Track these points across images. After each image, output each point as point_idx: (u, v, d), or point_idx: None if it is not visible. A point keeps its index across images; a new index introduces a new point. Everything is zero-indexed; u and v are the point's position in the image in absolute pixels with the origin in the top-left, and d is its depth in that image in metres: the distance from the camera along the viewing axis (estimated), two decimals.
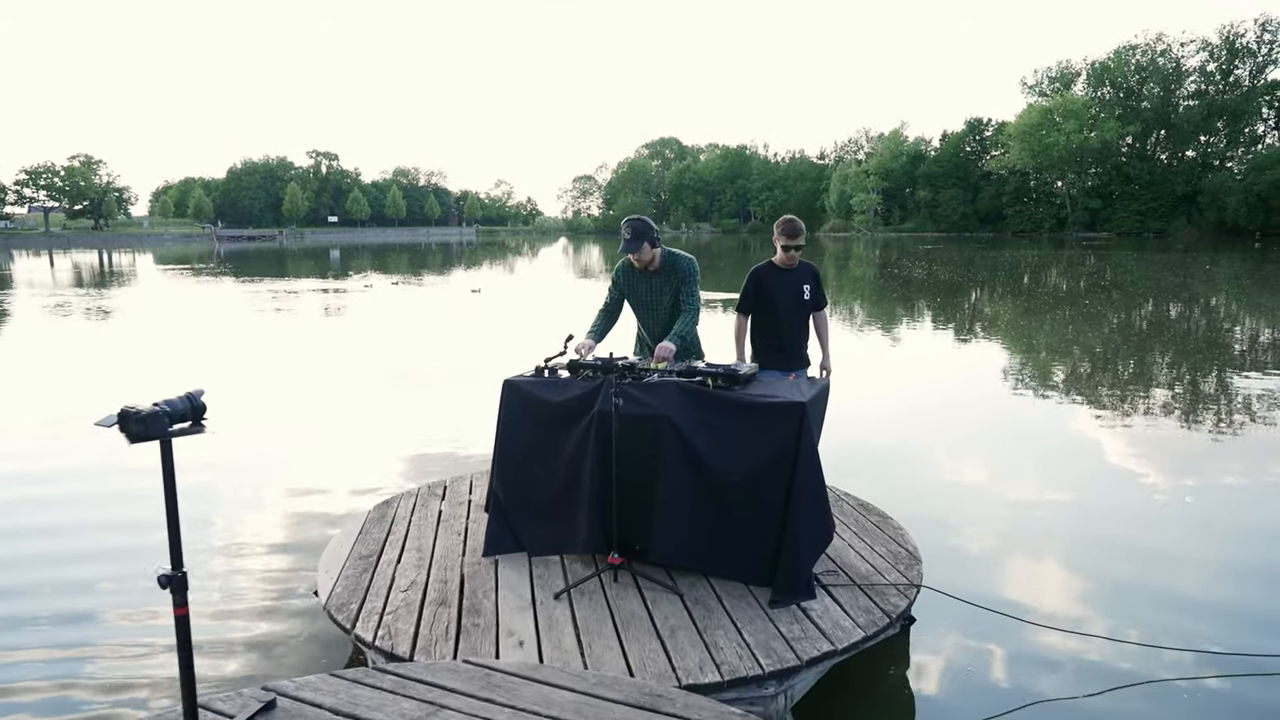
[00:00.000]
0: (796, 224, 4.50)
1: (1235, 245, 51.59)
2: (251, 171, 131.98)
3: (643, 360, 4.06)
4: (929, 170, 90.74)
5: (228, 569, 4.54)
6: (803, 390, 3.69)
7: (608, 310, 4.51)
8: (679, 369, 3.83)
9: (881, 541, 4.06)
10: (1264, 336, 13.89)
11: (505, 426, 4.00)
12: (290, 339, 14.54)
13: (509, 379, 4.02)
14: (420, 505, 4.63)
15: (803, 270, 4.62)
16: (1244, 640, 3.70)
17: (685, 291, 4.32)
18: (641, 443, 3.59)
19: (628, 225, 4.23)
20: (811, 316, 4.68)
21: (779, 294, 4.55)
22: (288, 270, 36.22)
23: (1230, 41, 74.18)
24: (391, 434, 7.54)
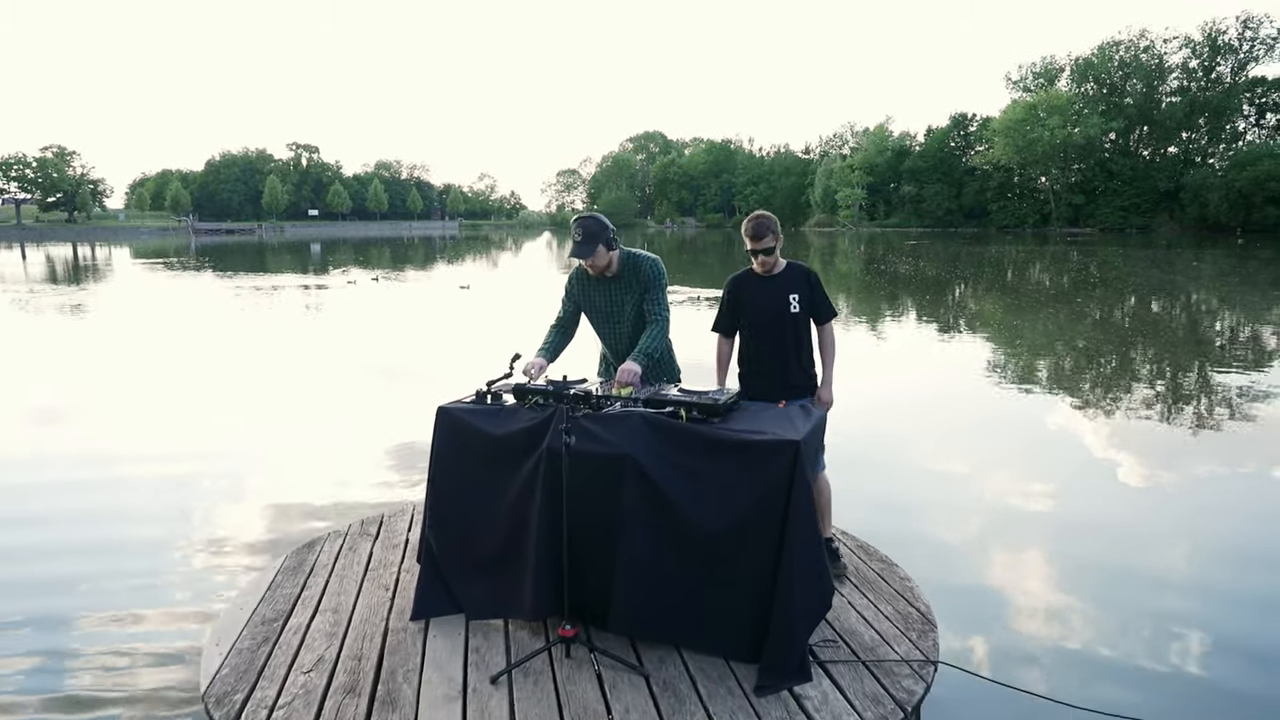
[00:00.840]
0: (763, 222, 3.64)
1: (1217, 241, 51.59)
2: (230, 164, 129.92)
3: (604, 384, 3.41)
4: (914, 165, 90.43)
5: (118, 618, 3.86)
6: (795, 424, 3.05)
7: (561, 325, 3.88)
8: (646, 396, 3.19)
9: (887, 598, 3.43)
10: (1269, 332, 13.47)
11: (439, 463, 3.34)
12: (271, 337, 13.83)
13: (444, 406, 3.37)
14: (348, 549, 3.97)
15: (790, 276, 3.76)
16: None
17: (650, 299, 3.67)
18: (599, 488, 2.96)
19: (578, 226, 3.58)
20: (817, 331, 3.81)
21: (757, 307, 3.78)
22: (267, 265, 35.22)
23: (1212, 38, 74.25)
24: (371, 440, 6.95)
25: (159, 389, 9.41)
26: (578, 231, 3.56)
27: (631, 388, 3.27)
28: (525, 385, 3.34)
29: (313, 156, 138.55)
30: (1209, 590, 4.24)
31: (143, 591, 4.15)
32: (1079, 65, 79.36)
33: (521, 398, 3.33)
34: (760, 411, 3.24)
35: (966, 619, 3.82)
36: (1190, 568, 4.54)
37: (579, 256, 3.57)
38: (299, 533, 4.88)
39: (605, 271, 3.68)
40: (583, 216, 3.59)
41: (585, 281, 3.80)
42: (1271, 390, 8.92)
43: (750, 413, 3.21)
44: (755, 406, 3.33)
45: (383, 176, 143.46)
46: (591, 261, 3.61)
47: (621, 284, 3.71)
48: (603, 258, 3.61)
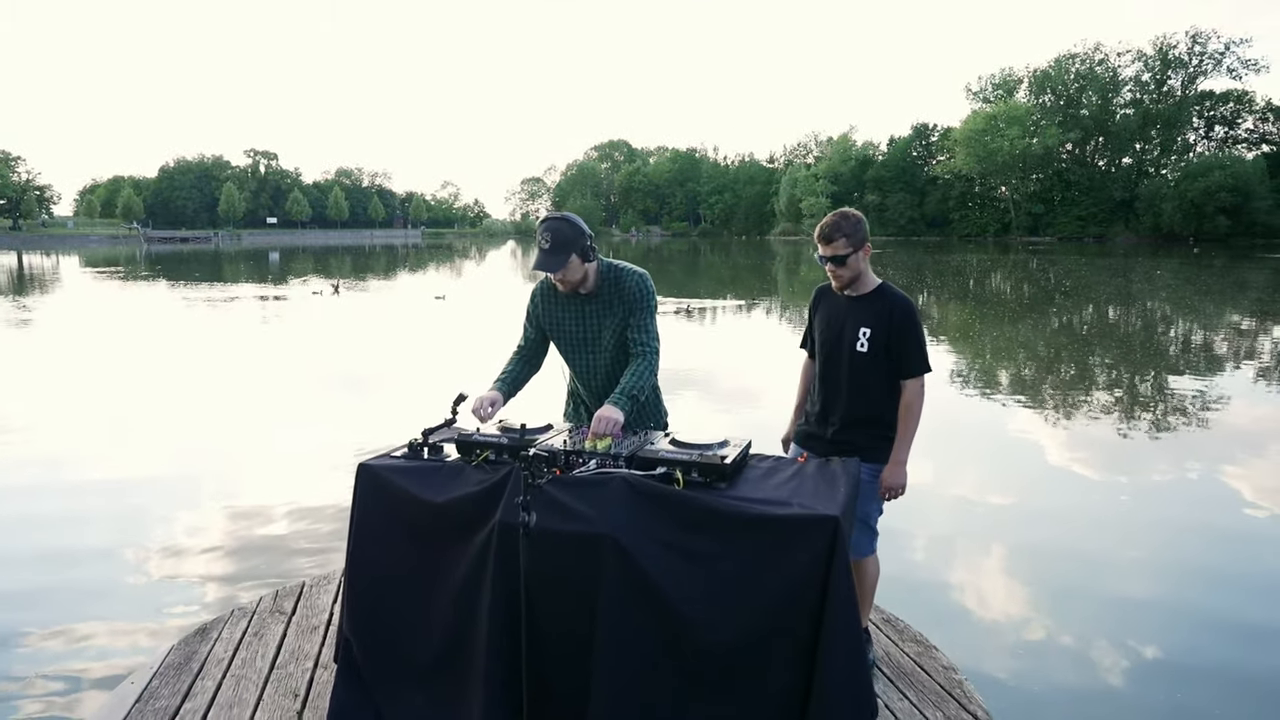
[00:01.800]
0: (836, 222, 2.87)
1: (1172, 250, 52.47)
2: (185, 170, 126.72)
3: (574, 433, 2.68)
4: (877, 174, 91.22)
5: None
6: (829, 488, 2.35)
7: (524, 354, 3.13)
8: (630, 451, 2.47)
9: (934, 698, 2.74)
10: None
11: (360, 538, 2.59)
12: (232, 350, 12.71)
13: (366, 463, 2.62)
14: (252, 635, 3.18)
15: (869, 302, 2.91)
16: None
17: (637, 325, 2.92)
18: (570, 578, 2.23)
19: (546, 230, 2.78)
20: (903, 387, 2.89)
21: (820, 329, 3.06)
22: (224, 274, 33.76)
23: (1163, 53, 76.07)
24: (336, 467, 6.16)
25: (100, 407, 8.50)
26: (545, 237, 2.77)
27: (609, 439, 2.55)
28: (471, 436, 2.60)
29: (271, 163, 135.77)
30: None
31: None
32: (1037, 77, 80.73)
33: (467, 452, 2.59)
34: (779, 470, 2.52)
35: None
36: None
37: (546, 269, 2.78)
38: (227, 576, 4.09)
39: (579, 288, 2.93)
40: (552, 218, 2.80)
41: (553, 300, 3.03)
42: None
43: (765, 472, 2.49)
44: (768, 463, 2.62)
45: (343, 184, 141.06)
46: (562, 275, 2.84)
47: (599, 304, 2.96)
48: (576, 270, 2.83)
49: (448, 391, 2.88)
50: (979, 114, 79.17)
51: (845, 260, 2.86)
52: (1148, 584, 4.36)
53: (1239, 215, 62.16)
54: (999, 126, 75.75)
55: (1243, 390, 9.51)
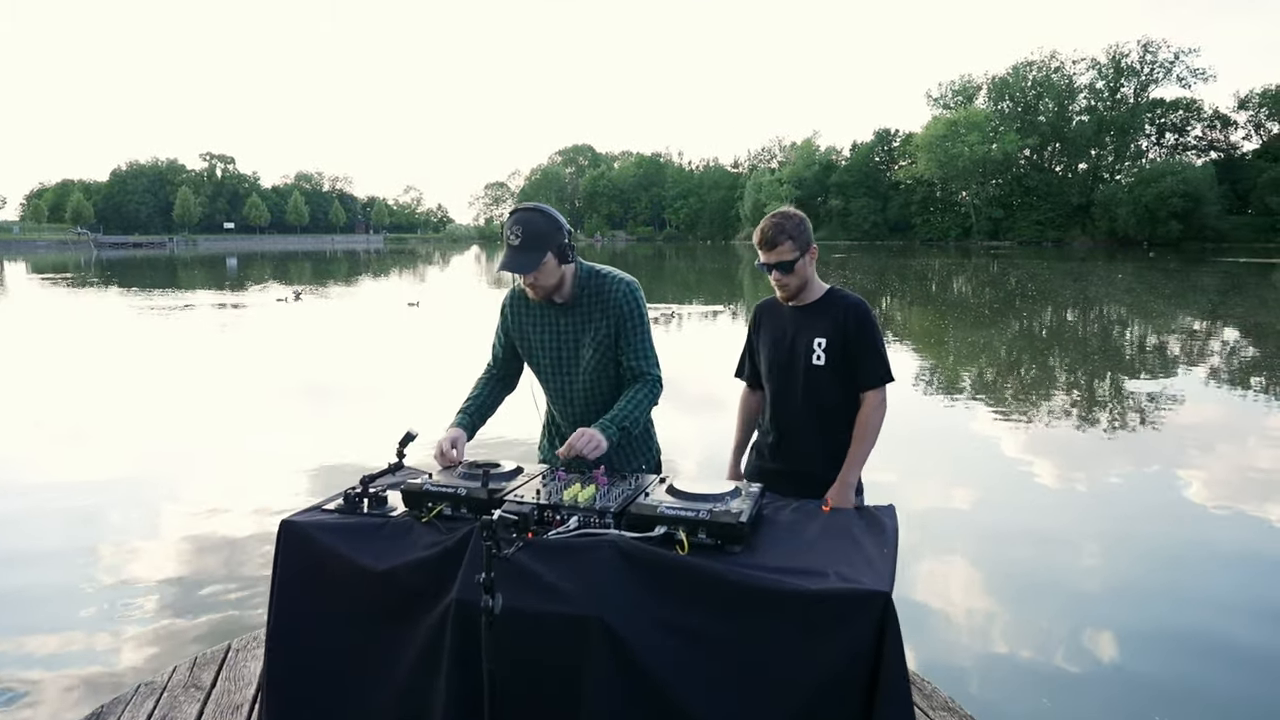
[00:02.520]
0: (779, 223, 2.54)
1: (1128, 254, 53.48)
2: (138, 174, 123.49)
3: (550, 480, 2.21)
4: (840, 179, 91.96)
5: None
6: (871, 549, 1.90)
7: (494, 374, 2.67)
8: (619, 503, 2.01)
9: None
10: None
11: (282, 612, 2.09)
12: (193, 364, 11.79)
13: (290, 519, 2.13)
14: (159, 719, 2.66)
15: (822, 310, 2.60)
16: None
17: (631, 344, 2.47)
18: (546, 672, 1.77)
19: (515, 223, 2.31)
20: (861, 399, 2.57)
21: (768, 348, 2.70)
22: (180, 280, 32.51)
23: (1116, 61, 77.90)
24: (302, 488, 5.59)
25: (39, 425, 7.83)
26: (514, 231, 2.30)
27: (594, 489, 2.07)
28: (420, 486, 2.11)
29: (228, 167, 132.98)
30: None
31: None
32: (995, 84, 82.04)
33: (415, 505, 2.11)
34: (802, 522, 2.07)
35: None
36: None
37: (514, 269, 2.31)
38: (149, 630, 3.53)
39: (553, 295, 2.46)
40: (523, 209, 2.34)
41: (524, 309, 2.57)
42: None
43: (787, 526, 2.03)
44: (787, 512, 2.16)
45: (303, 188, 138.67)
46: (534, 279, 2.37)
47: (577, 315, 2.50)
48: (550, 273, 2.37)
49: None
50: (940, 120, 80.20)
51: (792, 266, 2.54)
52: (1112, 585, 4.36)
53: (1190, 220, 63.64)
54: (959, 132, 76.77)
55: (1220, 391, 9.58)
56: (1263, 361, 12.02)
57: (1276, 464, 6.51)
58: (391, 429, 2.51)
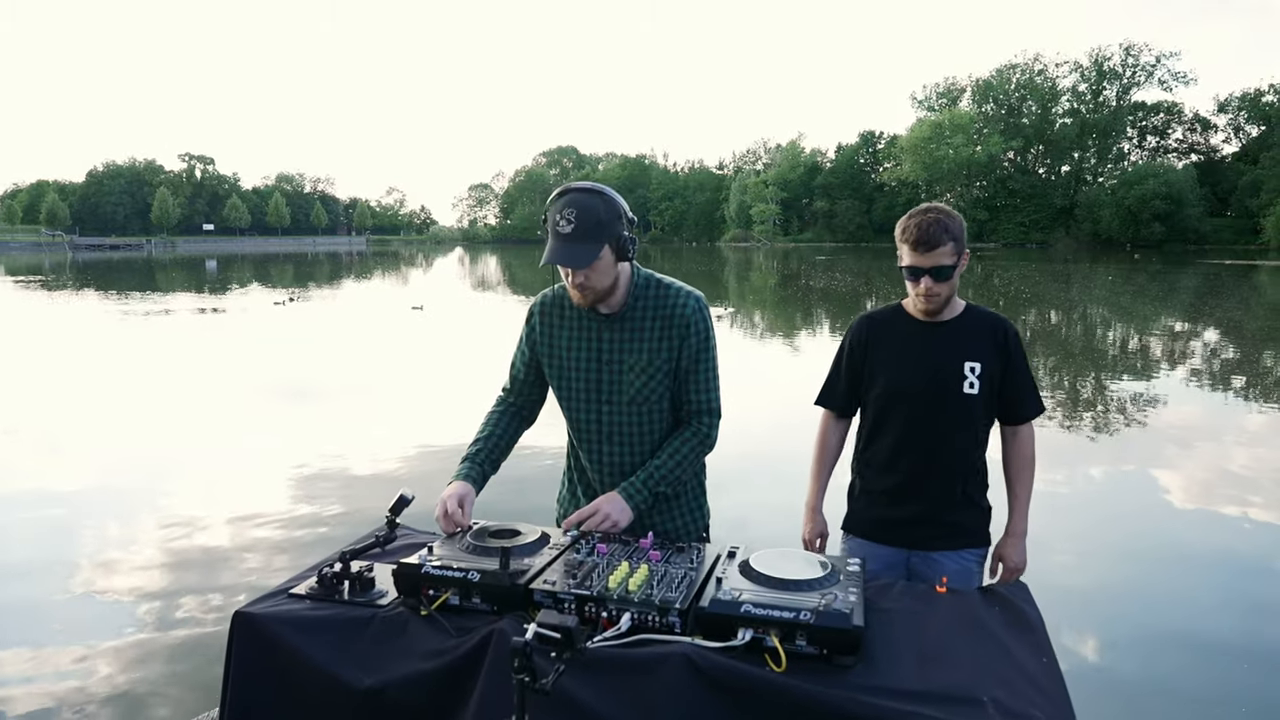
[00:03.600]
0: (938, 220, 2.11)
1: (1112, 256, 53.71)
2: (115, 175, 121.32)
3: (582, 549, 1.74)
4: (825, 181, 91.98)
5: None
6: (1027, 659, 1.46)
7: (511, 404, 2.23)
8: (683, 596, 1.55)
9: None
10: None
11: None
12: (191, 375, 10.84)
13: (246, 610, 1.65)
14: None
15: (969, 328, 2.23)
16: None
17: (697, 376, 2.04)
18: None
19: (568, 205, 1.86)
20: (1003, 435, 2.30)
21: (904, 371, 2.25)
22: (159, 283, 31.57)
23: (1099, 64, 78.41)
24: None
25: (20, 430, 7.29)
26: (567, 215, 1.84)
27: (645, 572, 1.62)
28: (421, 567, 1.64)
29: (208, 168, 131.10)
30: None
31: None
32: (979, 86, 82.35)
33: (412, 592, 1.63)
34: (921, 613, 1.63)
35: None
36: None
37: (564, 263, 1.87)
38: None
39: (601, 302, 1.99)
40: (578, 189, 1.90)
41: (558, 317, 2.10)
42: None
43: (905, 619, 1.60)
44: (896, 596, 1.70)
45: (284, 190, 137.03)
46: (586, 277, 1.91)
47: (628, 330, 2.02)
48: (605, 272, 1.92)
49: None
50: (925, 122, 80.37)
51: (951, 273, 2.14)
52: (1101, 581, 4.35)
53: (1172, 222, 64.12)
54: (944, 135, 76.95)
55: (1203, 392, 9.47)
56: (1250, 363, 11.87)
57: (1255, 463, 6.54)
58: (401, 438, 2.05)
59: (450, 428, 7.35)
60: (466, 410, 2.21)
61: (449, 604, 1.62)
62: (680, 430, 2.07)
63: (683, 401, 2.06)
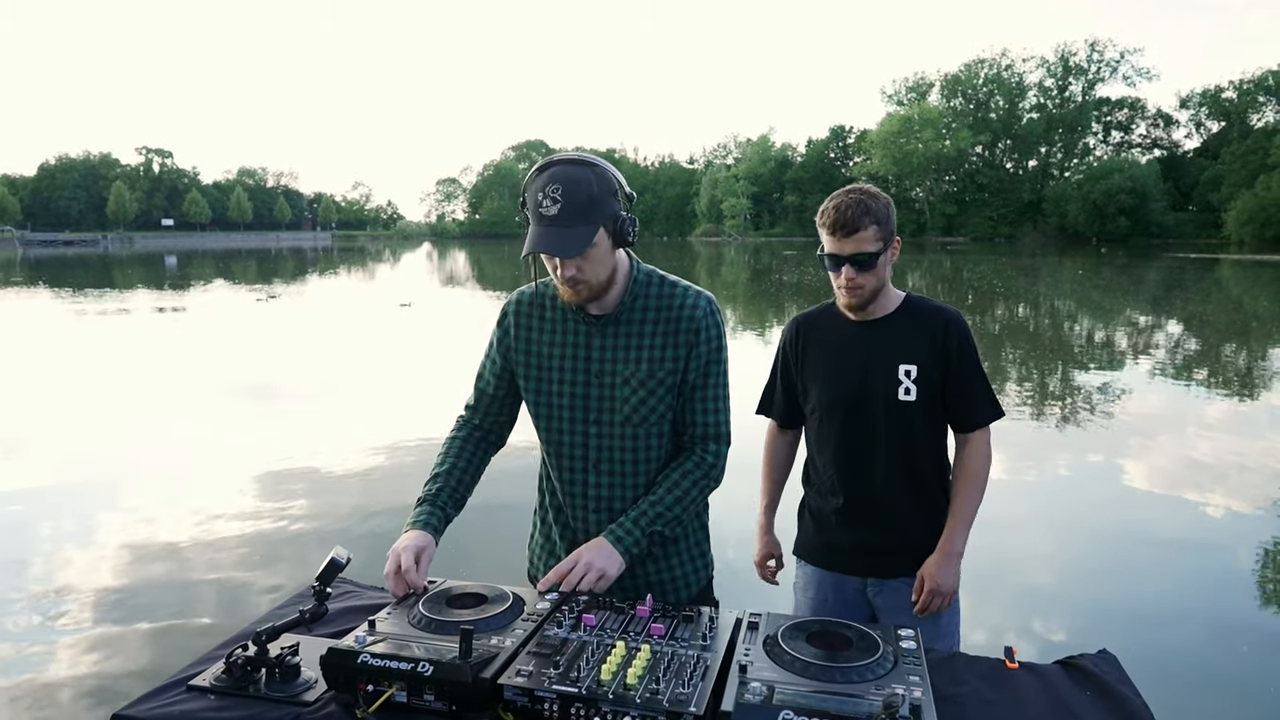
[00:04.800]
0: (860, 201, 1.84)
1: (1079, 250, 54.36)
2: (68, 169, 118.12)
3: (571, 619, 1.37)
4: (796, 175, 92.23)
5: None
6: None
7: (475, 426, 1.84)
8: (695, 683, 1.16)
9: None
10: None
11: None
12: (173, 377, 10.15)
13: (125, 714, 1.25)
14: None
15: (906, 323, 1.94)
16: None
17: (703, 388, 1.69)
18: None
19: (553, 181, 1.50)
20: (956, 443, 2.00)
21: (832, 376, 1.99)
22: (115, 280, 30.39)
23: (1065, 60, 79.42)
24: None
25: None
26: (551, 194, 1.50)
27: (645, 657, 1.24)
28: (355, 653, 1.26)
29: (166, 162, 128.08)
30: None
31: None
32: (948, 81, 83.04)
33: (346, 686, 1.26)
34: (992, 702, 1.27)
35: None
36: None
37: (549, 251, 1.52)
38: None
39: (593, 300, 1.65)
40: (565, 162, 1.54)
41: (538, 319, 1.74)
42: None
43: (980, 716, 1.24)
44: (972, 683, 1.34)
45: (246, 184, 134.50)
46: (578, 269, 1.56)
47: (624, 335, 1.67)
48: (600, 262, 1.58)
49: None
50: (894, 116, 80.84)
51: (874, 261, 1.87)
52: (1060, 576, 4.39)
53: (1137, 216, 65.19)
54: (914, 129, 77.45)
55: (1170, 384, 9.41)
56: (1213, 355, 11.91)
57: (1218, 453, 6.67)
58: (406, 432, 1.69)
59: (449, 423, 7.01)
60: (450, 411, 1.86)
61: (393, 701, 1.25)
62: (680, 459, 1.71)
63: (686, 424, 1.71)
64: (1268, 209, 52.89)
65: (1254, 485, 5.72)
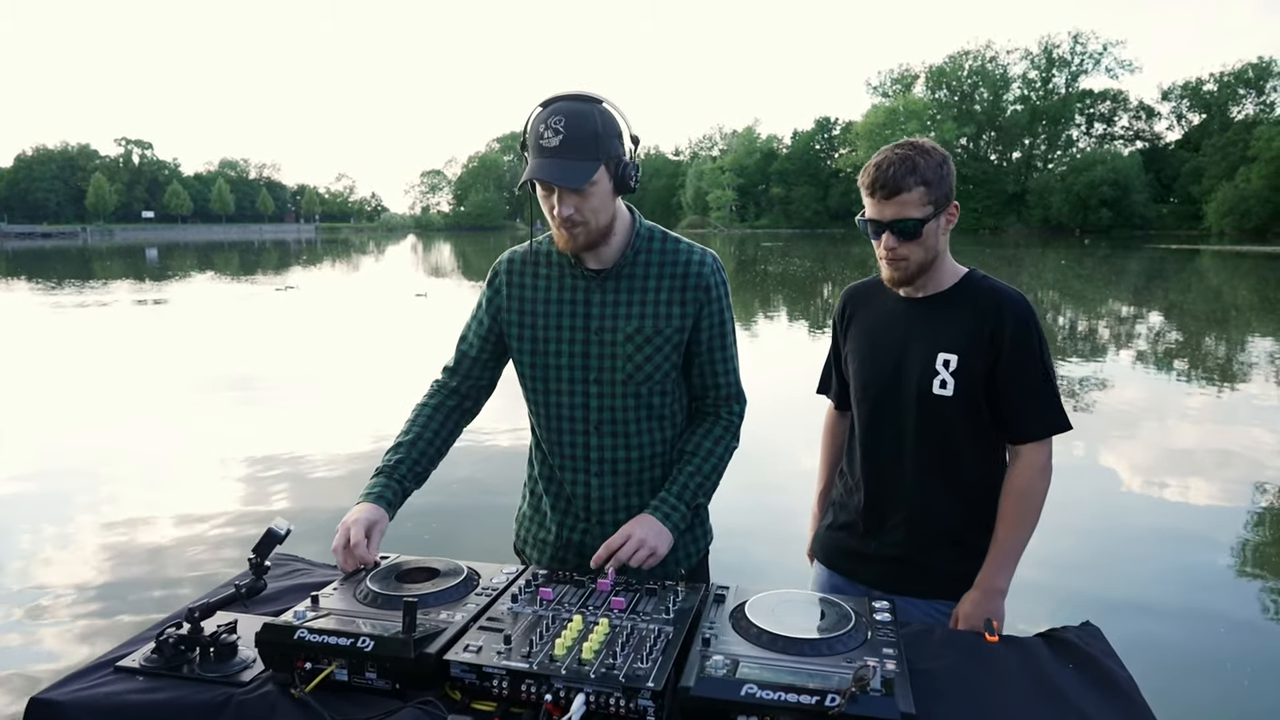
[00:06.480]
0: (910, 157, 1.59)
1: (1062, 241, 54.71)
2: (46, 160, 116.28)
3: (529, 593, 1.29)
4: (781, 168, 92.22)
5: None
6: None
7: (450, 391, 1.73)
8: (655, 658, 1.10)
9: None
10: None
11: None
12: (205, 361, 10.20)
13: (44, 696, 1.16)
14: None
15: (954, 306, 1.69)
16: None
17: (715, 348, 1.64)
18: None
19: (555, 114, 1.43)
20: (1016, 456, 1.69)
21: (866, 359, 1.78)
22: (95, 272, 29.88)
23: (1048, 52, 79.70)
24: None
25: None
26: (554, 125, 1.43)
27: (596, 620, 1.17)
28: (291, 629, 1.18)
29: (146, 153, 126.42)
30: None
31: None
32: (933, 73, 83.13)
33: (282, 663, 1.18)
34: (972, 675, 1.19)
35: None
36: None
37: (546, 177, 1.44)
38: None
39: (593, 249, 1.57)
40: (569, 98, 1.46)
41: (534, 273, 1.65)
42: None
43: (956, 687, 1.15)
44: (949, 658, 1.27)
45: (228, 176, 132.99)
46: (576, 207, 1.47)
47: (625, 291, 1.59)
48: (601, 203, 1.49)
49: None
50: (879, 108, 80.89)
51: (919, 229, 1.60)
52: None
53: (1120, 207, 65.62)
54: (899, 120, 77.50)
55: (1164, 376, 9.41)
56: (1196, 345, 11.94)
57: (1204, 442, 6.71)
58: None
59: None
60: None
61: (333, 679, 1.17)
62: (702, 423, 1.67)
63: (707, 386, 1.66)
64: (1247, 200, 53.37)
65: (1234, 474, 5.75)
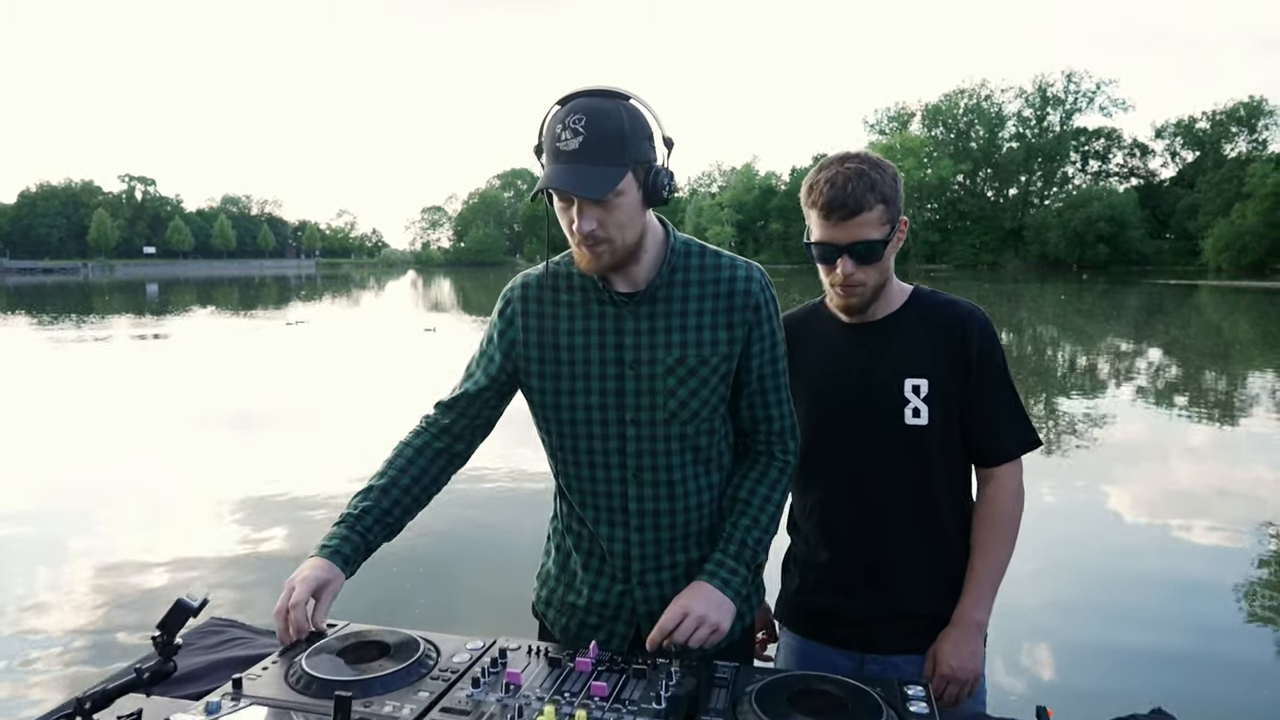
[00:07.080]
0: (866, 173, 1.43)
1: (1060, 276, 54.89)
2: (49, 196, 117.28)
3: (491, 679, 1.08)
4: (780, 204, 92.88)
5: None
6: None
7: (440, 430, 1.47)
8: None
9: None
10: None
11: None
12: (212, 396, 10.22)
13: None
14: None
15: (914, 327, 1.54)
16: None
17: (767, 376, 1.42)
18: None
19: (575, 112, 1.21)
20: (979, 481, 1.58)
21: (814, 392, 1.58)
22: (94, 307, 29.80)
23: (1042, 90, 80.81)
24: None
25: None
26: (574, 125, 1.21)
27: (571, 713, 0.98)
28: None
29: (149, 190, 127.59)
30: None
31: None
32: (929, 111, 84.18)
33: None
34: None
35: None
36: None
37: (563, 186, 1.21)
38: None
39: (622, 267, 1.34)
40: (591, 94, 1.26)
41: (554, 299, 1.41)
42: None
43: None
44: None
45: (229, 212, 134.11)
46: (599, 220, 1.24)
47: (668, 313, 1.37)
48: (628, 215, 1.26)
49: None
50: (877, 145, 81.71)
51: (881, 250, 1.46)
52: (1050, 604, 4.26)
53: (1116, 243, 65.98)
54: (896, 158, 78.28)
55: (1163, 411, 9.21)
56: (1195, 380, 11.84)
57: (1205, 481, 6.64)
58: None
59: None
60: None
61: None
62: (755, 465, 1.45)
63: (759, 420, 1.43)
64: (1243, 236, 53.60)
65: (1238, 512, 5.68)
